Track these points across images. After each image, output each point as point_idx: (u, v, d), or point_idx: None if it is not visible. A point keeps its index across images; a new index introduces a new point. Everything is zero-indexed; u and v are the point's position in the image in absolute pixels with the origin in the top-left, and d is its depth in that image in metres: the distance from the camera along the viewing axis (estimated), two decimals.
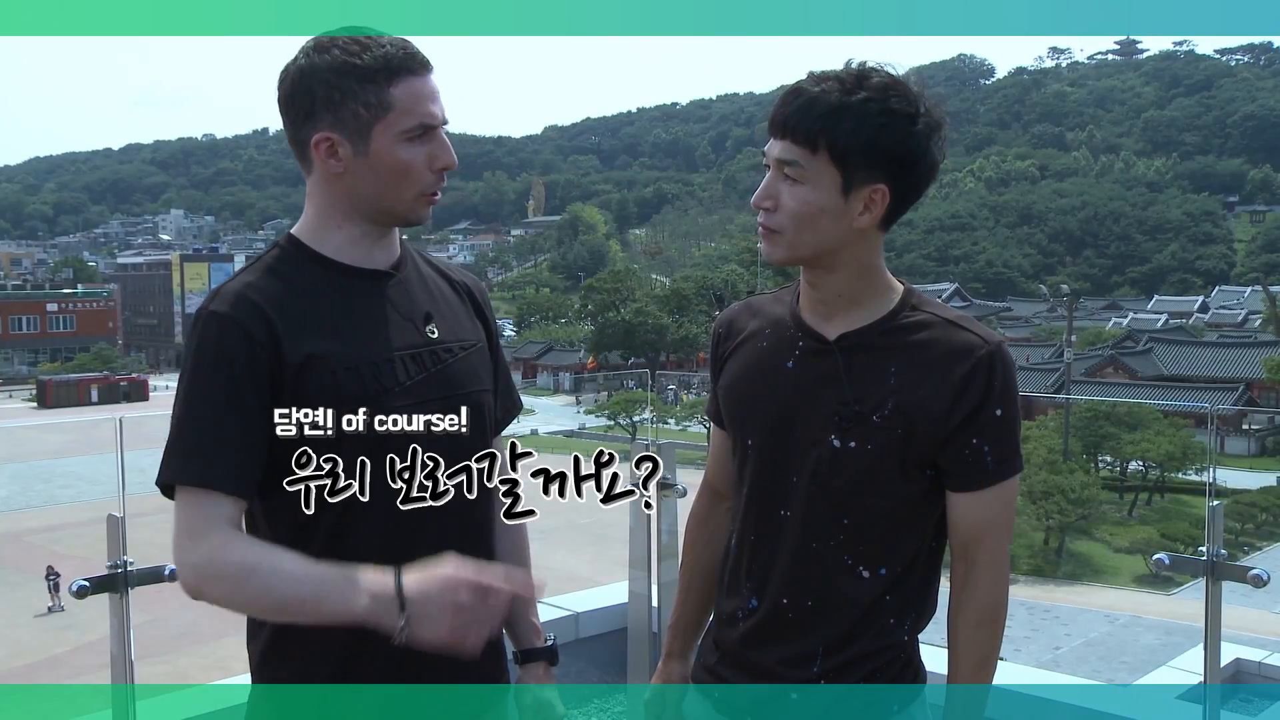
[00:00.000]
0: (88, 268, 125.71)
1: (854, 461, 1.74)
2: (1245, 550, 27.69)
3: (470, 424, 1.79)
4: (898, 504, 1.76)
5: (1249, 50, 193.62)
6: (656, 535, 3.67)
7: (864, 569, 1.77)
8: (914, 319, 1.77)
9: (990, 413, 1.72)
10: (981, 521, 1.77)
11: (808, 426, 1.77)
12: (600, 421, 44.85)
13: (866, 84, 1.67)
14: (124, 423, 3.16)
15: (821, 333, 1.79)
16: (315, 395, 1.65)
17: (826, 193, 1.70)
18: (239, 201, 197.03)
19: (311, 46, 1.71)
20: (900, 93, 1.68)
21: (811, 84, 1.69)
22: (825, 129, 1.66)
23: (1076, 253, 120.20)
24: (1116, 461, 34.80)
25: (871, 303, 1.78)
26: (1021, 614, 24.27)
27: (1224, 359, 48.56)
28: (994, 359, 1.72)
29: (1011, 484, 1.77)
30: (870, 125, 1.66)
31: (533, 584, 1.67)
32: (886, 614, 1.79)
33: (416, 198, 1.75)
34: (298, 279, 1.73)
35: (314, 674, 1.69)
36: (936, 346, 1.74)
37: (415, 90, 1.70)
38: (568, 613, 3.76)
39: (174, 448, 1.64)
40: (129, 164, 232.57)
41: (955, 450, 1.73)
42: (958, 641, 1.80)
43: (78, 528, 22.75)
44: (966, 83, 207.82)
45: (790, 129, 1.69)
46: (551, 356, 70.18)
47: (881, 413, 1.72)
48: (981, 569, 1.78)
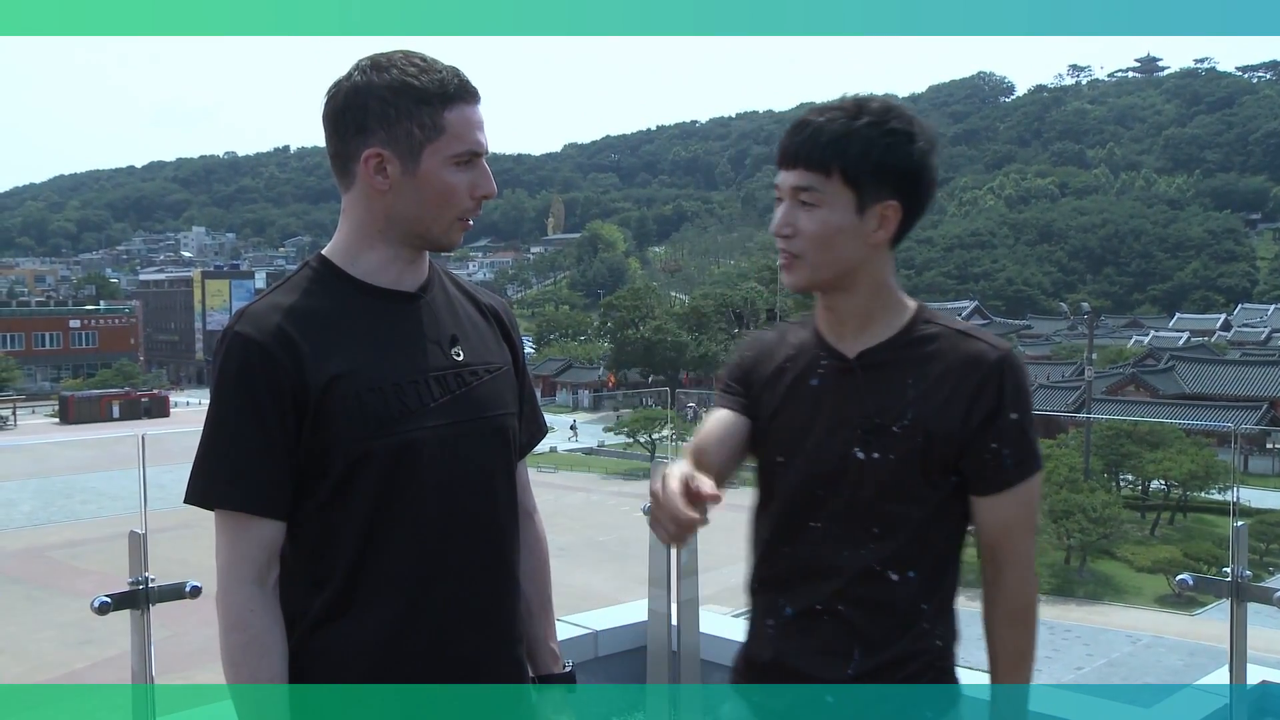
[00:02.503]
0: (110, 284, 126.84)
1: (878, 471, 1.81)
2: (1270, 570, 27.44)
3: (493, 447, 1.80)
4: (924, 509, 1.82)
5: (1271, 68, 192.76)
6: (676, 553, 3.66)
7: (893, 573, 1.83)
8: (927, 332, 1.86)
9: (1006, 416, 1.80)
10: (1006, 522, 1.84)
11: (833, 440, 1.84)
12: (619, 439, 44.81)
13: (867, 109, 1.80)
14: (145, 439, 3.17)
15: (842, 350, 1.88)
16: (339, 417, 1.67)
17: (843, 213, 1.80)
18: (260, 218, 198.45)
19: (368, 64, 1.73)
20: (898, 114, 1.81)
21: (816, 115, 1.81)
22: (836, 153, 1.78)
23: (1097, 270, 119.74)
24: (1138, 480, 34.54)
25: (887, 319, 1.87)
26: (1043, 633, 23.80)
27: (1247, 377, 48.21)
28: (1004, 365, 1.81)
29: (1033, 483, 1.84)
30: (877, 146, 1.78)
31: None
32: (921, 618, 1.84)
33: (453, 223, 1.77)
34: (325, 300, 1.74)
35: (347, 673, 1.70)
36: (950, 357, 1.83)
37: (467, 117, 1.74)
38: (587, 631, 3.76)
39: (203, 467, 1.68)
40: (151, 181, 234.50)
41: (975, 455, 1.81)
42: (994, 640, 1.89)
43: (99, 543, 22.83)
44: (986, 100, 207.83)
45: (803, 157, 1.80)
46: (571, 374, 70.25)
47: (901, 423, 1.80)
48: (1009, 568, 1.86)
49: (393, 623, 1.71)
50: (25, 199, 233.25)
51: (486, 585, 1.79)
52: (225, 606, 1.66)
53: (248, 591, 1.66)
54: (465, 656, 1.76)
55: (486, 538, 1.79)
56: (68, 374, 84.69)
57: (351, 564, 1.69)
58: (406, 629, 1.71)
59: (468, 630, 1.76)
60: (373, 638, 1.70)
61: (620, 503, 31.37)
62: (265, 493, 1.66)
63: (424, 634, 1.72)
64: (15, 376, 73.58)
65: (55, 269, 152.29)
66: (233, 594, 1.66)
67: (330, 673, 1.70)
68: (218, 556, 1.68)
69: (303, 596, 1.71)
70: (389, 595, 1.71)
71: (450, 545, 1.74)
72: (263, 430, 1.65)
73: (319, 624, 1.70)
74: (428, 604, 1.73)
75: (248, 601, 1.65)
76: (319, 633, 1.70)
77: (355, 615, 1.70)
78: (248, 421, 1.65)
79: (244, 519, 1.66)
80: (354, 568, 1.69)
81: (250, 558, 1.66)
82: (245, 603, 1.65)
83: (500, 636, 1.83)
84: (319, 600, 1.70)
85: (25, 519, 31.54)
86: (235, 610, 1.66)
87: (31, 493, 34.58)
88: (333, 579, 1.70)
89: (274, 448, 1.65)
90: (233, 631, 1.66)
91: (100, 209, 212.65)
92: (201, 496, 1.68)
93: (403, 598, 1.71)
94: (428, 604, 1.73)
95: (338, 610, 1.70)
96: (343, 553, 1.69)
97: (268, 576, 1.68)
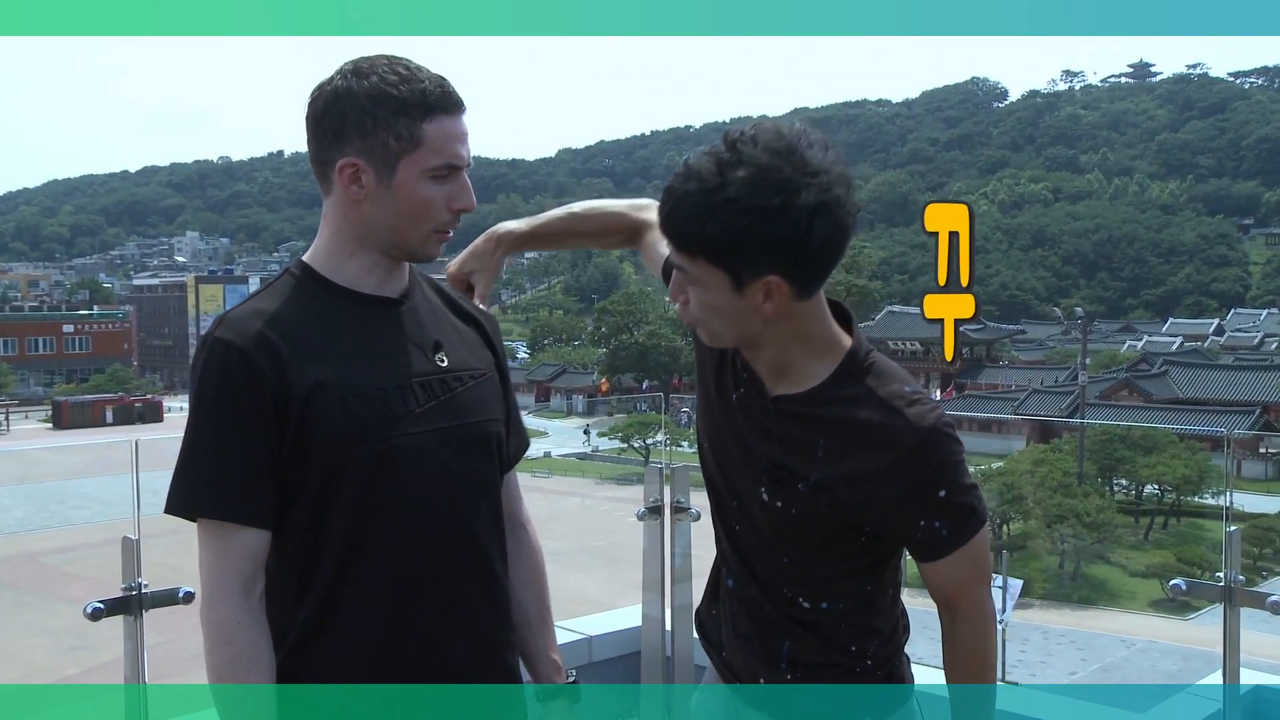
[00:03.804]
0: (104, 289, 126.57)
1: (781, 518, 1.73)
2: (1264, 575, 27.52)
3: (479, 453, 1.79)
4: (835, 558, 1.75)
5: (1263, 73, 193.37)
6: (670, 558, 3.66)
7: (805, 601, 1.78)
8: (848, 393, 1.69)
9: (933, 496, 1.66)
10: (954, 582, 1.74)
11: (743, 468, 1.78)
12: (613, 444, 44.82)
13: (730, 179, 1.53)
14: (139, 444, 3.16)
15: (763, 383, 1.75)
16: (322, 423, 1.64)
17: (719, 292, 1.61)
18: (254, 223, 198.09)
19: (350, 69, 1.70)
20: (769, 180, 1.53)
21: (680, 181, 1.58)
22: (694, 233, 1.57)
23: (1091, 275, 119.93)
24: (1132, 485, 34.60)
25: (810, 369, 1.71)
26: (1037, 638, 24.12)
27: (1240, 382, 48.35)
28: (924, 446, 1.64)
29: (976, 540, 1.71)
30: (736, 225, 1.53)
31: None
32: (844, 639, 1.79)
33: (429, 235, 1.74)
34: (307, 306, 1.72)
35: (344, 674, 1.68)
36: (864, 430, 1.66)
37: (447, 130, 1.70)
38: (581, 636, 3.75)
39: (184, 476, 1.65)
40: (145, 186, 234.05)
41: (907, 532, 1.71)
42: (953, 690, 1.81)
43: (92, 549, 22.79)
44: (980, 105, 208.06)
45: (670, 234, 1.62)
46: (565, 379, 70.23)
47: (806, 483, 1.69)
48: (963, 621, 1.76)
49: (379, 633, 1.68)
50: (19, 203, 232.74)
51: (474, 593, 1.77)
52: (211, 620, 1.62)
53: (233, 604, 1.62)
54: (453, 665, 1.74)
55: (472, 545, 1.77)
56: (61, 379, 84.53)
57: (336, 573, 1.67)
58: (394, 638, 1.69)
59: (456, 639, 1.74)
60: (358, 649, 1.68)
61: (614, 508, 31.35)
62: (249, 502, 1.63)
63: (412, 643, 1.70)
64: (9, 382, 73.48)
65: (49, 274, 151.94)
66: (218, 607, 1.62)
67: (338, 647, 1.68)
68: (201, 568, 1.64)
69: (289, 607, 1.68)
70: (375, 604, 1.68)
71: (436, 553, 1.72)
72: (245, 438, 1.62)
73: (306, 635, 1.68)
74: (414, 613, 1.70)
75: (233, 614, 1.62)
76: (306, 644, 1.68)
77: (341, 625, 1.68)
78: (229, 429, 1.62)
79: (228, 529, 1.63)
80: (339, 577, 1.67)
81: (235, 569, 1.63)
82: (231, 615, 1.62)
83: (489, 645, 1.81)
84: (305, 610, 1.68)
85: (18, 524, 31.46)
86: (221, 623, 1.62)
87: (24, 498, 34.49)
88: (318, 589, 1.67)
89: (256, 455, 1.63)
90: (219, 645, 1.62)
91: (94, 214, 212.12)
92: (183, 506, 1.64)
93: (389, 606, 1.69)
94: (414, 613, 1.70)
95: (324, 620, 1.68)
96: (327, 562, 1.67)
97: (254, 588, 1.65)
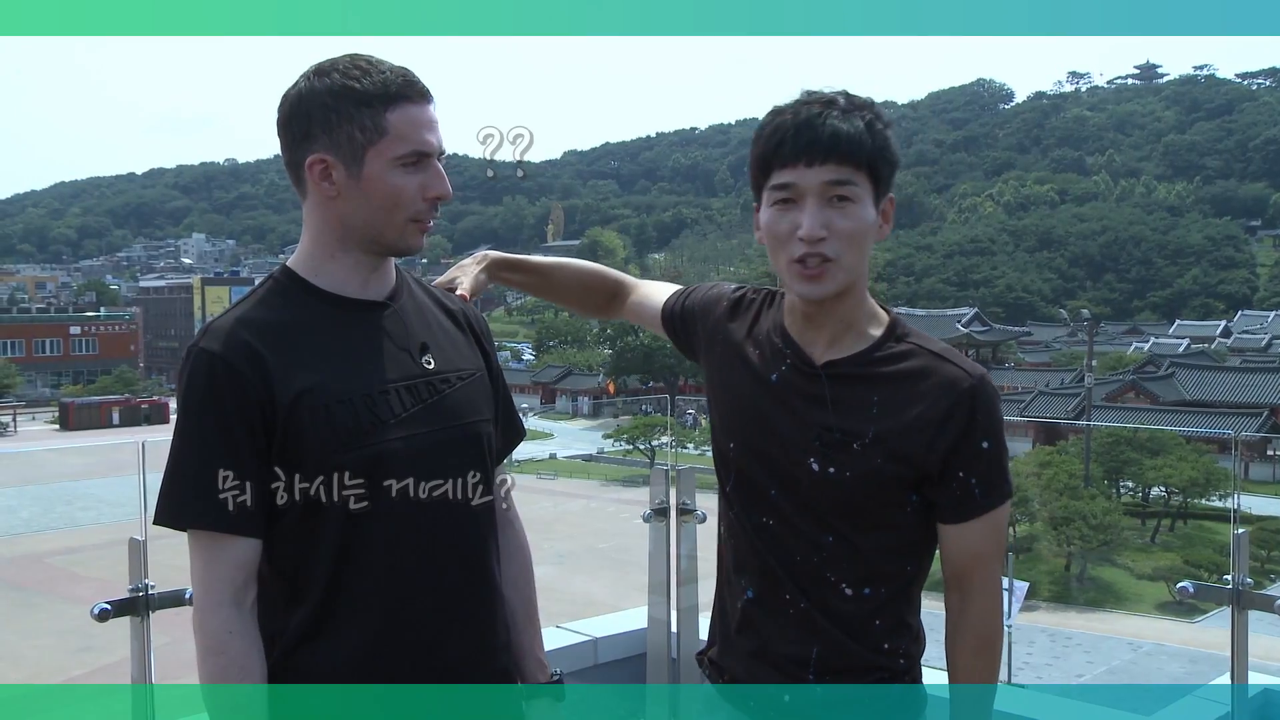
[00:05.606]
0: (110, 291, 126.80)
1: (833, 487, 1.74)
2: (1271, 578, 27.40)
3: (468, 455, 1.78)
4: (881, 530, 1.76)
5: (1271, 74, 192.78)
6: (676, 560, 3.66)
7: (848, 587, 1.77)
8: (898, 349, 1.77)
9: (977, 445, 1.72)
10: (973, 551, 1.77)
11: (789, 445, 1.77)
12: (619, 446, 44.79)
13: (859, 104, 1.73)
14: (146, 446, 3.16)
15: (809, 355, 1.79)
16: (308, 431, 1.64)
17: (869, 210, 1.72)
18: (260, 225, 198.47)
19: (312, 71, 1.71)
20: (877, 110, 1.74)
21: (819, 108, 1.71)
22: (861, 147, 1.69)
23: (1097, 277, 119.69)
24: (1138, 487, 34.49)
25: (862, 329, 1.79)
26: (1043, 641, 24.07)
27: (1247, 384, 48.18)
28: (977, 392, 1.72)
29: (1001, 511, 1.77)
30: (880, 139, 1.71)
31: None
32: (878, 636, 1.79)
33: (406, 225, 1.73)
34: (291, 312, 1.72)
35: (338, 676, 1.68)
36: (920, 378, 1.74)
37: (412, 117, 1.70)
38: (586, 638, 3.74)
39: (172, 487, 1.64)
40: (152, 188, 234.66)
41: (943, 483, 1.74)
42: (957, 669, 1.81)
43: (98, 550, 22.80)
44: (985, 107, 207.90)
45: (835, 151, 1.68)
46: (570, 380, 70.18)
47: (862, 440, 1.73)
48: (975, 597, 1.79)
49: (372, 638, 1.68)
50: (26, 206, 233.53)
51: (466, 596, 1.76)
52: (203, 630, 1.62)
53: (225, 614, 1.62)
54: (447, 669, 1.73)
55: (464, 548, 1.76)
56: (68, 380, 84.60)
57: (327, 580, 1.66)
58: (386, 644, 1.69)
59: (449, 642, 1.74)
60: (352, 655, 1.67)
61: (620, 510, 31.33)
62: (238, 511, 1.62)
63: (404, 648, 1.70)
64: (15, 383, 73.49)
65: (56, 276, 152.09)
66: (210, 617, 1.62)
67: (332, 646, 1.68)
68: (193, 578, 1.64)
69: (280, 615, 1.68)
70: (367, 610, 1.68)
71: (427, 557, 1.71)
72: (232, 447, 1.62)
73: (297, 642, 1.67)
74: (407, 617, 1.70)
75: (226, 624, 1.62)
76: (298, 651, 1.67)
77: (334, 632, 1.67)
78: (216, 439, 1.62)
79: (218, 538, 1.62)
80: (330, 584, 1.66)
81: (227, 578, 1.62)
82: (223, 625, 1.61)
83: (482, 647, 1.80)
84: (296, 618, 1.68)
85: (24, 525, 31.50)
86: (213, 633, 1.62)
87: (31, 499, 34.53)
88: (309, 596, 1.67)
89: (245, 464, 1.62)
90: (211, 655, 1.62)
91: (101, 216, 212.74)
92: (173, 517, 1.64)
93: (381, 612, 1.68)
94: (407, 617, 1.70)
95: (316, 628, 1.67)
96: (318, 569, 1.67)
97: (245, 597, 1.64)
